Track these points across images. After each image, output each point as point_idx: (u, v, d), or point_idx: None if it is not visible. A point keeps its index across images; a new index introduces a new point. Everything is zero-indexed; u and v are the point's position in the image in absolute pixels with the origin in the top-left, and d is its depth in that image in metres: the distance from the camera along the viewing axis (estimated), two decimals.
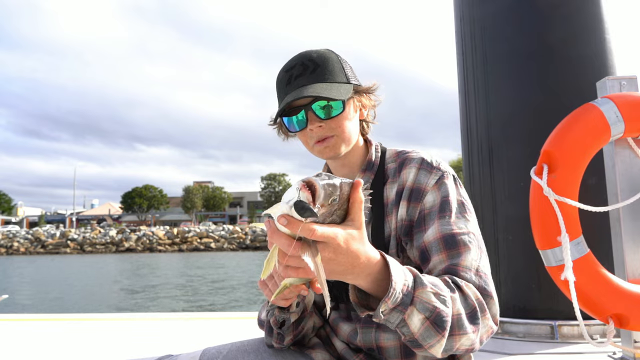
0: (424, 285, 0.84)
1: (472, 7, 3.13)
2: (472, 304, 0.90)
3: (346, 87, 1.08)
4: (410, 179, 1.08)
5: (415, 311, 0.82)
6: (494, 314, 0.94)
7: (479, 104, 3.05)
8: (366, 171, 1.16)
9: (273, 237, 0.72)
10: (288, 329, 1.09)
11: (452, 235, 0.99)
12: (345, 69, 1.12)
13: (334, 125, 1.08)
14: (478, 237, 1.02)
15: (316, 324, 1.20)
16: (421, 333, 0.84)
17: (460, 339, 0.87)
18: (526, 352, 2.39)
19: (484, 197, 2.98)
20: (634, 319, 1.79)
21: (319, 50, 1.12)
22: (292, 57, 1.12)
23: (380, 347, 1.09)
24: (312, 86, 1.05)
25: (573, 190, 1.84)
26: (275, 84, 1.14)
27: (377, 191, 1.13)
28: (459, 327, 0.87)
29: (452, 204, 1.03)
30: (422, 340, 0.84)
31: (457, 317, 0.87)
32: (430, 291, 0.84)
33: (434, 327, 0.84)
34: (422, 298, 0.83)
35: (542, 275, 2.31)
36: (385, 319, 0.83)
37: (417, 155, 1.12)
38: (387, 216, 1.10)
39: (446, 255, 0.98)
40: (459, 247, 0.98)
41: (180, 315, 4.05)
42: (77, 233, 51.12)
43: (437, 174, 1.07)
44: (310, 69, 1.07)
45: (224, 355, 1.11)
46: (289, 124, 1.11)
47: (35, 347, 2.88)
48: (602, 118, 1.86)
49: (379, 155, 1.18)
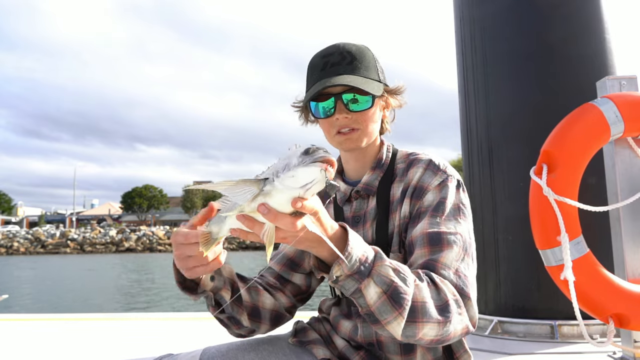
0: (383, 259, 0.86)
1: (472, 8, 3.13)
2: (445, 298, 0.90)
3: (378, 85, 1.11)
4: (416, 178, 1.10)
5: (372, 283, 0.84)
6: (471, 315, 0.95)
7: (478, 104, 3.04)
8: (376, 169, 1.17)
9: (278, 221, 0.73)
10: (234, 309, 1.06)
11: (438, 233, 1.00)
12: (378, 68, 1.14)
13: (361, 119, 1.10)
14: (466, 240, 1.02)
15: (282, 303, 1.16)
16: (377, 307, 0.85)
17: (424, 327, 0.87)
18: (526, 352, 2.39)
19: (484, 197, 2.98)
20: (634, 319, 1.79)
21: (357, 44, 1.14)
22: (330, 45, 1.13)
23: (380, 342, 1.10)
24: (349, 77, 1.06)
25: (573, 190, 1.84)
26: (308, 67, 1.14)
27: (384, 189, 1.14)
28: (423, 314, 0.87)
29: (448, 206, 1.04)
30: (378, 315, 0.85)
31: (422, 305, 0.87)
32: (389, 266, 0.86)
33: (390, 302, 0.84)
34: (380, 271, 0.85)
35: (541, 275, 2.31)
36: (340, 285, 0.85)
37: (426, 157, 1.14)
38: (392, 213, 1.12)
39: (428, 250, 0.99)
40: (441, 245, 0.99)
41: (180, 315, 4.05)
42: (77, 233, 51.13)
43: (442, 176, 1.08)
44: (348, 60, 1.08)
45: (223, 355, 1.11)
46: (315, 110, 1.12)
47: (35, 347, 2.88)
48: (602, 118, 1.86)
49: (389, 155, 1.20)
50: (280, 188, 0.70)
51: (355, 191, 1.18)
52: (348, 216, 1.19)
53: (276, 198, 0.71)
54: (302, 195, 0.71)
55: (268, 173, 0.74)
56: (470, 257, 1.02)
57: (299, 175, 0.69)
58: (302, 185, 0.70)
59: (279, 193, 0.71)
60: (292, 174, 0.69)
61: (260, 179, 0.74)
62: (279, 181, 0.70)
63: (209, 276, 1.00)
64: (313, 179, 0.69)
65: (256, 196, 0.73)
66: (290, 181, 0.70)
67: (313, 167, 0.68)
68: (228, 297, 1.04)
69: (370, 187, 1.16)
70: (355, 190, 1.18)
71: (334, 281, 0.84)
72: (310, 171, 0.68)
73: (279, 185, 0.70)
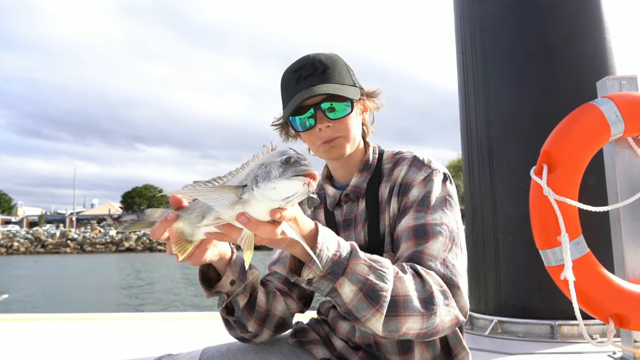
0: (358, 257, 0.86)
1: (472, 7, 3.13)
2: (430, 290, 0.90)
3: (354, 89, 1.11)
4: (401, 175, 1.11)
5: (347, 281, 0.84)
6: (461, 305, 0.94)
7: (478, 104, 3.04)
8: (363, 171, 1.18)
9: (259, 229, 0.72)
10: (243, 314, 1.05)
11: (423, 225, 1.00)
12: (351, 73, 1.14)
13: (342, 126, 1.10)
14: (452, 230, 1.01)
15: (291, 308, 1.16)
16: (354, 305, 0.85)
17: (407, 321, 0.87)
18: (526, 352, 2.39)
19: (484, 197, 2.98)
20: (634, 319, 1.79)
21: (327, 53, 1.14)
22: (300, 59, 1.13)
23: (378, 343, 1.10)
24: (324, 86, 1.06)
25: (573, 190, 1.83)
26: (281, 84, 1.15)
27: (372, 190, 1.14)
28: (405, 308, 0.86)
29: (433, 199, 1.04)
30: (356, 312, 0.85)
31: (404, 298, 0.87)
32: (364, 264, 0.85)
33: (367, 300, 0.84)
34: (354, 269, 0.84)
35: (542, 275, 2.30)
36: (315, 287, 0.85)
37: (410, 154, 1.14)
38: (382, 214, 1.12)
39: (413, 243, 0.99)
40: (427, 236, 0.99)
41: (180, 315, 4.05)
42: (77, 233, 51.13)
43: (427, 170, 1.08)
44: (320, 70, 1.09)
45: (223, 355, 1.11)
46: (295, 124, 1.11)
47: (35, 347, 2.88)
48: (602, 118, 1.86)
49: (376, 157, 1.20)
50: (260, 199, 0.69)
51: (344, 195, 1.17)
52: (339, 220, 1.19)
53: (255, 207, 0.70)
54: (282, 207, 0.70)
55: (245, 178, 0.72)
56: (459, 247, 1.01)
57: (280, 188, 0.67)
58: (284, 198, 0.68)
59: (258, 203, 0.70)
60: (274, 185, 0.67)
61: (239, 186, 0.71)
62: (259, 191, 0.69)
63: (229, 279, 1.00)
64: (295, 193, 0.68)
65: (235, 204, 0.71)
66: (271, 193, 0.68)
67: (296, 181, 0.67)
68: (244, 303, 1.04)
69: (358, 190, 1.16)
70: (344, 193, 1.17)
71: (307, 283, 0.84)
72: (293, 184, 0.67)
73: (259, 195, 0.69)
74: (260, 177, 0.69)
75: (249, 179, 0.71)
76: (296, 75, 1.10)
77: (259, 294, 1.08)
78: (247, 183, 0.71)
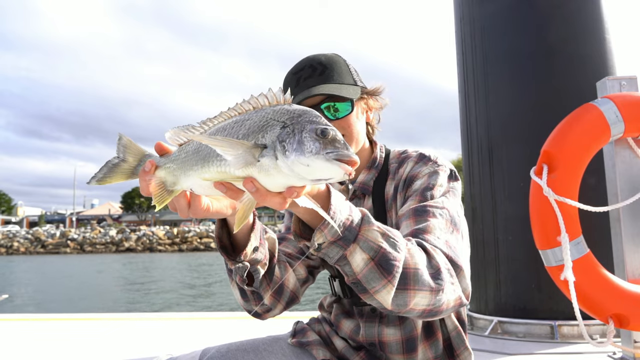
0: (371, 223, 0.80)
1: (472, 7, 3.13)
2: (437, 265, 0.86)
3: (354, 88, 1.11)
4: (407, 172, 1.11)
5: (358, 249, 0.78)
6: (464, 287, 0.91)
7: (479, 104, 3.04)
8: (371, 169, 1.18)
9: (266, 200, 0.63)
10: (261, 284, 1.01)
11: (424, 206, 0.99)
12: (352, 72, 1.14)
13: (344, 125, 1.10)
14: (454, 216, 0.99)
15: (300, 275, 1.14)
16: (365, 274, 0.79)
17: (416, 295, 0.82)
18: (526, 352, 2.39)
19: (484, 197, 2.98)
20: (634, 319, 1.79)
21: (327, 54, 1.15)
22: (300, 61, 1.13)
23: (382, 342, 1.10)
24: (322, 86, 1.07)
25: (573, 190, 1.83)
26: (282, 86, 1.15)
27: (379, 188, 1.15)
28: (415, 281, 0.82)
29: (437, 190, 1.03)
30: (365, 283, 0.80)
31: (414, 271, 0.82)
32: (377, 230, 0.80)
33: (378, 269, 0.79)
34: (367, 236, 0.79)
35: (542, 275, 2.31)
36: (324, 253, 0.78)
37: (415, 152, 1.15)
38: (388, 212, 1.13)
39: (413, 220, 0.97)
40: (427, 215, 0.97)
41: (180, 315, 4.05)
42: (77, 233, 51.12)
43: (433, 166, 1.09)
44: (319, 71, 1.09)
45: (223, 355, 1.11)
46: None
47: (35, 347, 2.88)
48: (602, 118, 1.86)
49: (383, 155, 1.20)
50: (285, 171, 0.58)
51: (351, 191, 1.18)
52: None
53: (274, 179, 0.59)
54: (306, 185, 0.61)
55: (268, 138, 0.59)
56: (460, 234, 0.98)
57: (315, 168, 0.57)
58: (314, 179, 0.58)
59: (280, 175, 0.59)
60: (308, 162, 0.57)
61: (257, 146, 0.59)
62: (286, 162, 0.57)
63: (252, 246, 0.92)
64: (330, 177, 0.58)
65: (248, 165, 0.60)
66: (301, 169, 0.57)
67: (336, 167, 0.57)
68: (263, 271, 0.98)
69: (366, 187, 1.17)
70: (352, 190, 1.18)
71: (317, 249, 0.77)
72: (333, 169, 0.57)
73: (285, 167, 0.58)
74: (289, 145, 0.58)
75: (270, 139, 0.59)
76: (296, 78, 1.10)
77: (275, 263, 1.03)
78: (267, 143, 0.59)
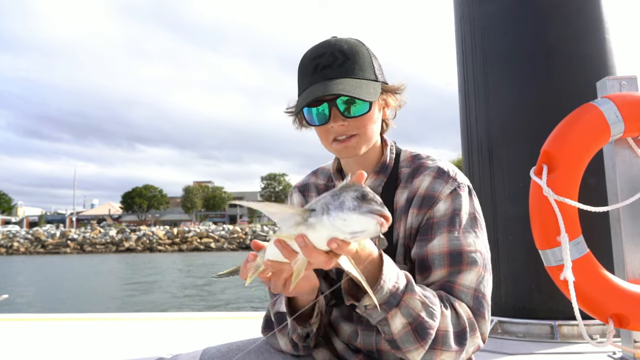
0: (414, 292, 0.86)
1: (472, 7, 3.13)
2: (463, 323, 0.92)
3: (375, 86, 1.02)
4: (423, 186, 1.04)
5: (399, 314, 0.85)
6: (483, 332, 0.96)
7: (479, 103, 3.04)
8: (379, 173, 1.11)
9: (312, 256, 0.71)
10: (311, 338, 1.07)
11: (460, 253, 0.98)
12: (374, 65, 1.05)
13: (358, 124, 1.02)
14: (485, 255, 1.01)
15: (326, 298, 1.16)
16: (400, 336, 0.86)
17: (442, 355, 0.89)
18: (526, 352, 2.39)
19: (484, 197, 2.98)
20: (633, 319, 1.79)
21: (350, 40, 1.04)
22: (321, 44, 1.04)
23: (380, 350, 1.08)
24: (341, 81, 0.98)
25: (573, 190, 1.83)
26: (298, 69, 1.07)
27: (388, 196, 1.08)
28: (443, 343, 0.89)
29: (464, 218, 1.00)
30: (400, 343, 0.87)
31: (444, 334, 0.89)
32: (418, 299, 0.86)
33: (414, 335, 0.86)
34: (409, 303, 0.85)
35: (542, 275, 2.30)
36: (368, 313, 0.86)
37: (433, 163, 1.07)
38: (396, 222, 1.07)
39: (448, 271, 0.97)
40: (461, 265, 0.97)
41: (180, 315, 4.05)
42: (77, 233, 51.14)
43: (453, 184, 1.03)
44: (340, 61, 1.00)
45: (224, 355, 1.11)
46: (309, 116, 1.03)
47: (35, 347, 2.88)
48: (602, 118, 1.86)
49: (393, 157, 1.13)
50: (327, 225, 0.67)
51: None
52: None
53: (319, 233, 0.69)
54: (346, 240, 0.69)
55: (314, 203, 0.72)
56: (489, 272, 1.01)
57: (351, 221, 0.66)
58: (352, 232, 0.67)
59: (323, 229, 0.68)
60: (345, 216, 0.66)
61: (307, 210, 0.71)
62: (328, 218, 0.67)
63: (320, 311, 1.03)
64: (365, 230, 0.66)
65: (299, 225, 0.71)
66: (340, 223, 0.66)
67: (369, 218, 0.65)
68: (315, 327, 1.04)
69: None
70: None
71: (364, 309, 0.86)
72: (366, 221, 0.66)
73: (327, 222, 0.67)
74: (332, 205, 0.68)
75: (319, 205, 0.70)
76: (314, 64, 1.01)
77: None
78: (317, 208, 0.70)
